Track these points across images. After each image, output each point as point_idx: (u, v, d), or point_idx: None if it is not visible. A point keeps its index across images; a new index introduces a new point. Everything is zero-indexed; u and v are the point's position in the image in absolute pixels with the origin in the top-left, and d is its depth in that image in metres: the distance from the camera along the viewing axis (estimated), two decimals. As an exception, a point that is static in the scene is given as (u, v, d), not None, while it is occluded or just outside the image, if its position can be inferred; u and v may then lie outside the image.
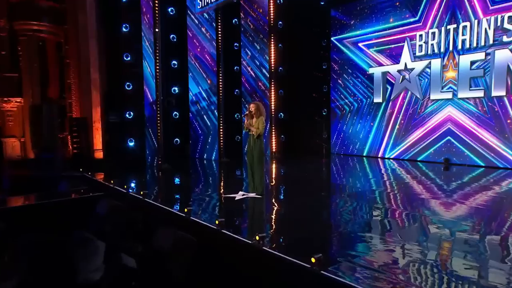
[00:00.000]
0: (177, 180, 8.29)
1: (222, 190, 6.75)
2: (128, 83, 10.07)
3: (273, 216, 5.10)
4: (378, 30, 11.04)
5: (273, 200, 5.93)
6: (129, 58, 10.04)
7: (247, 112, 5.88)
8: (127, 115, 10.13)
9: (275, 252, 3.42)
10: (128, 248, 3.49)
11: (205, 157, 11.22)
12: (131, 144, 10.10)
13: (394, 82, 10.84)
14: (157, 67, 9.92)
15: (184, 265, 3.40)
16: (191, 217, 4.54)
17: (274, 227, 4.49)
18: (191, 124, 11.46)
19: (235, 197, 5.84)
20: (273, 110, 11.87)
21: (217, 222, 4.13)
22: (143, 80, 10.05)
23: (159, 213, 5.12)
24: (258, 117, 5.82)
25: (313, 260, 3.07)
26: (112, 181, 6.76)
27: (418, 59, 10.20)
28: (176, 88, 11.39)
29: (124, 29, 10.00)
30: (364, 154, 11.71)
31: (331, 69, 12.58)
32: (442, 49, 9.63)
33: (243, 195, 5.94)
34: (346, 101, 12.25)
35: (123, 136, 10.14)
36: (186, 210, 4.63)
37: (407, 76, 10.48)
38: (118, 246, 3.43)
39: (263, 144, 6.00)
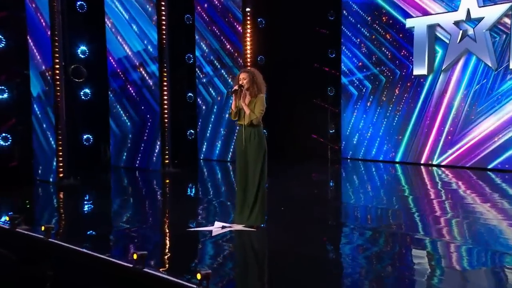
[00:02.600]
0: (96, 206, 8.47)
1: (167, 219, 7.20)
2: (-3, 36, 10.02)
3: (285, 261, 5.13)
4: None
5: (275, 234, 6.07)
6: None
7: (236, 87, 5.95)
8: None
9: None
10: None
11: (137, 165, 11.39)
12: (5, 144, 9.80)
13: (448, 41, 10.86)
14: (55, 10, 9.30)
15: None
16: (146, 269, 4.45)
17: (293, 279, 4.48)
18: (113, 111, 11.33)
19: (210, 231, 6.04)
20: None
21: (199, 276, 3.96)
22: (27, 32, 9.73)
23: (83, 262, 5.01)
24: (254, 95, 5.91)
25: None
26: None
27: (489, 3, 10.19)
28: (85, 48, 10.99)
29: None
30: (397, 159, 11.83)
31: (343, 22, 12.64)
32: (532, -14, 9.84)
33: (224, 227, 6.15)
34: (367, 73, 12.30)
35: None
36: (135, 256, 4.49)
37: (470, 32, 10.50)
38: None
39: (265, 139, 6.09)
